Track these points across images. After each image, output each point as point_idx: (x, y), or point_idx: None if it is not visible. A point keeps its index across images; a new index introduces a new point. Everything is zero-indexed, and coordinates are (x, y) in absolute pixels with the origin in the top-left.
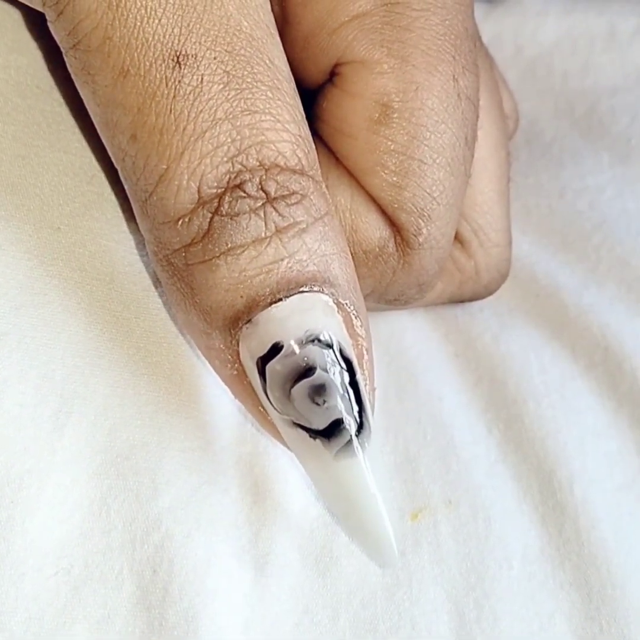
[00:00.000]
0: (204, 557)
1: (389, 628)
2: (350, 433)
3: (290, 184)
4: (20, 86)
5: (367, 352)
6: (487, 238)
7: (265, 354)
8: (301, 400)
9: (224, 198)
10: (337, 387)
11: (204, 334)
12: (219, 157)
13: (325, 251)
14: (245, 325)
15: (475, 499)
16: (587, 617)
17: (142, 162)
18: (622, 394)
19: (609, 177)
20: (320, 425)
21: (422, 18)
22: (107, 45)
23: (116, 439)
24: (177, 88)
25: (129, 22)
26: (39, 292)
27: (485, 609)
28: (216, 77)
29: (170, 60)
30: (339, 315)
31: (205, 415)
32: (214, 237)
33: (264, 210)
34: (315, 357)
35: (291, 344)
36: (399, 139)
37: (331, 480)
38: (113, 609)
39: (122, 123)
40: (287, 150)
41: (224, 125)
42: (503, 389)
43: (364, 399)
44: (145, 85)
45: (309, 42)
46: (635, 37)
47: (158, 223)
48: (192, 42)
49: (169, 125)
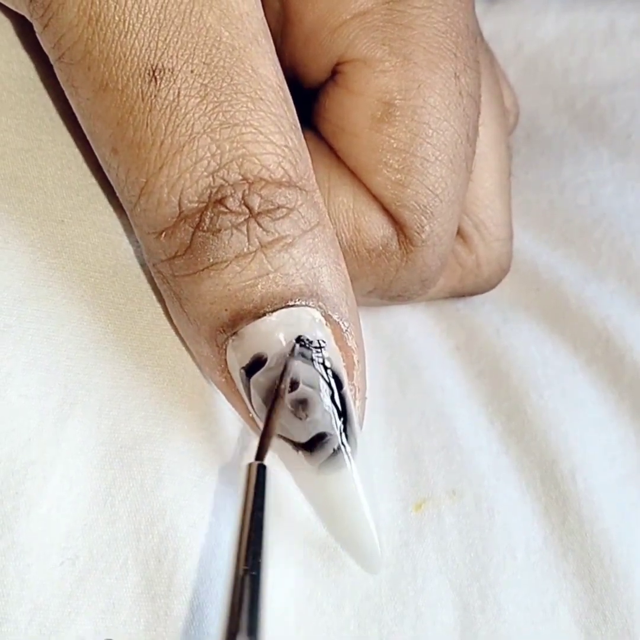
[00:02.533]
0: (209, 547)
1: (394, 618)
2: (334, 447)
3: (275, 197)
4: (24, 80)
5: (358, 363)
6: (488, 232)
7: (250, 366)
8: (283, 414)
9: (205, 213)
10: (320, 401)
11: (194, 340)
12: (199, 172)
13: (313, 264)
14: (232, 337)
15: (479, 490)
16: (590, 607)
17: (123, 175)
18: (623, 386)
19: (609, 172)
20: (302, 438)
21: (424, 16)
22: (88, 59)
23: (120, 430)
24: (152, 102)
25: (107, 36)
26: (43, 285)
27: (489, 598)
28: (193, 90)
29: (146, 75)
30: (327, 328)
31: (209, 406)
32: (196, 252)
33: (247, 225)
34: (299, 372)
35: (274, 358)
36: (402, 137)
37: (315, 492)
38: (118, 599)
39: (103, 136)
40: (271, 162)
41: (202, 139)
42: (505, 381)
43: (349, 413)
44: (123, 100)
45: (311, 41)
46: (635, 33)
47: (144, 233)
48: (169, 56)
49: (146, 140)
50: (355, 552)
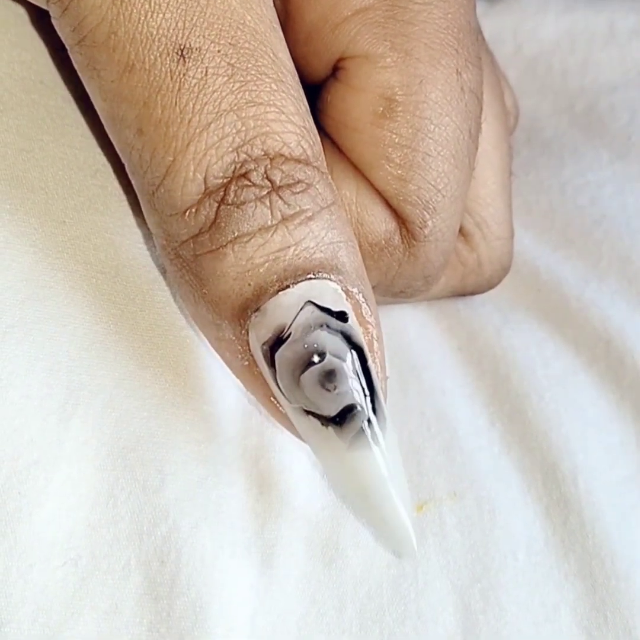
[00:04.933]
0: (211, 548)
1: (395, 619)
2: (363, 419)
3: (295, 172)
4: (25, 81)
5: (377, 340)
6: (489, 231)
7: (275, 341)
8: (311, 386)
9: (229, 187)
10: (348, 372)
11: (214, 325)
12: (224, 148)
13: (332, 239)
14: (254, 313)
15: (480, 491)
16: (592, 608)
17: (148, 156)
18: (624, 388)
19: (609, 173)
20: (331, 411)
21: (425, 12)
22: (112, 40)
23: (123, 431)
24: (182, 81)
25: (134, 16)
26: (44, 285)
27: (490, 599)
28: (220, 69)
29: (174, 54)
30: (347, 302)
31: (211, 407)
32: (220, 226)
33: (270, 198)
34: (325, 343)
35: (299, 329)
36: (404, 132)
37: (345, 471)
38: (121, 600)
39: (128, 117)
40: (292, 141)
41: (228, 116)
42: (506, 382)
43: (376, 386)
44: (150, 79)
45: (312, 37)
46: (634, 34)
47: (166, 215)
48: (196, 36)
49: (174, 118)
50: (386, 536)
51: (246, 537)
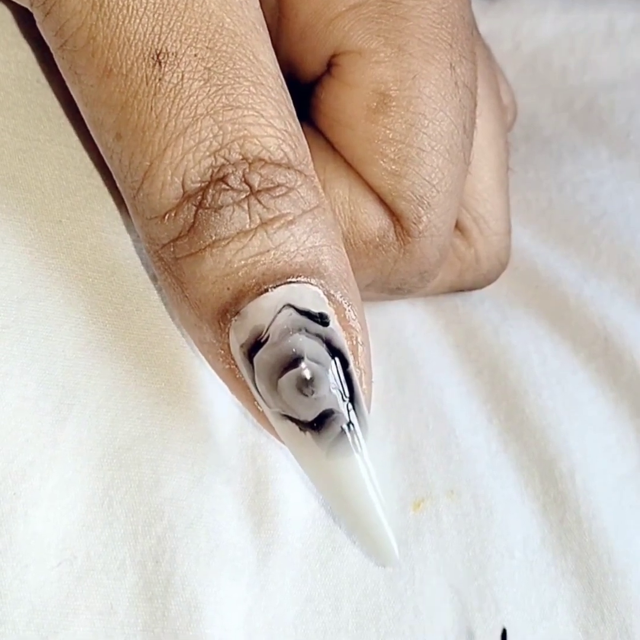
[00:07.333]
0: (207, 547)
1: (392, 617)
2: (341, 425)
3: (275, 176)
4: (21, 80)
5: (362, 345)
6: (487, 226)
7: (254, 344)
8: (289, 391)
9: (207, 191)
10: (327, 377)
11: (196, 327)
12: (202, 152)
13: (314, 243)
14: (234, 317)
15: (477, 489)
16: (588, 606)
17: (127, 160)
18: (622, 385)
19: (608, 171)
20: (308, 416)
21: (419, 7)
22: (91, 45)
23: (118, 431)
24: (157, 86)
25: (112, 21)
26: (40, 285)
27: (487, 597)
28: (197, 74)
29: (150, 59)
30: (330, 307)
31: (207, 406)
32: (199, 230)
33: (248, 202)
34: (303, 347)
35: (277, 332)
36: (397, 128)
37: (323, 477)
38: (116, 600)
39: (107, 122)
40: (272, 144)
41: (205, 120)
42: (504, 379)
43: (357, 392)
44: (127, 84)
45: (306, 34)
46: (633, 33)
47: (146, 219)
48: (173, 40)
49: (150, 123)
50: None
51: (242, 536)
